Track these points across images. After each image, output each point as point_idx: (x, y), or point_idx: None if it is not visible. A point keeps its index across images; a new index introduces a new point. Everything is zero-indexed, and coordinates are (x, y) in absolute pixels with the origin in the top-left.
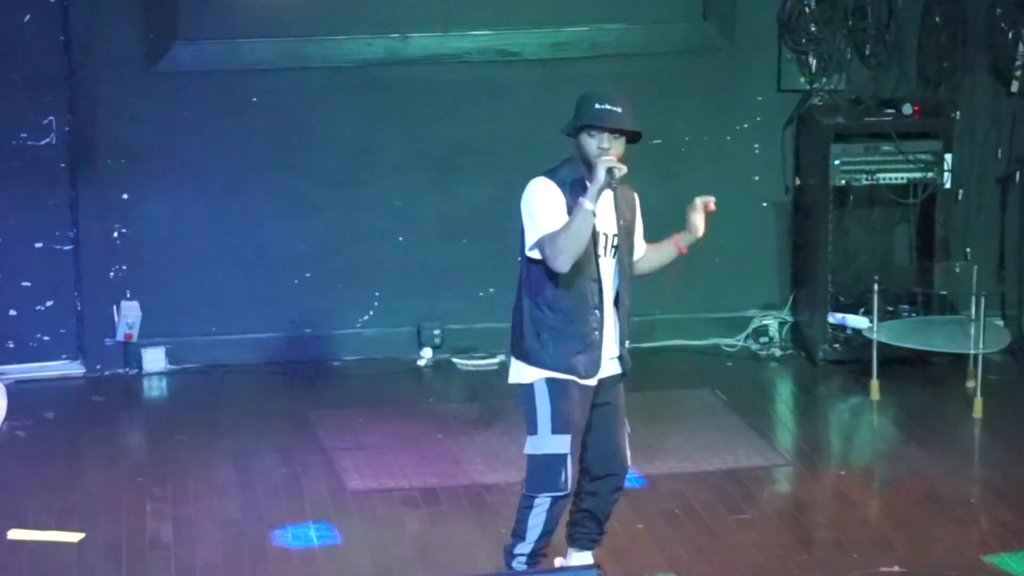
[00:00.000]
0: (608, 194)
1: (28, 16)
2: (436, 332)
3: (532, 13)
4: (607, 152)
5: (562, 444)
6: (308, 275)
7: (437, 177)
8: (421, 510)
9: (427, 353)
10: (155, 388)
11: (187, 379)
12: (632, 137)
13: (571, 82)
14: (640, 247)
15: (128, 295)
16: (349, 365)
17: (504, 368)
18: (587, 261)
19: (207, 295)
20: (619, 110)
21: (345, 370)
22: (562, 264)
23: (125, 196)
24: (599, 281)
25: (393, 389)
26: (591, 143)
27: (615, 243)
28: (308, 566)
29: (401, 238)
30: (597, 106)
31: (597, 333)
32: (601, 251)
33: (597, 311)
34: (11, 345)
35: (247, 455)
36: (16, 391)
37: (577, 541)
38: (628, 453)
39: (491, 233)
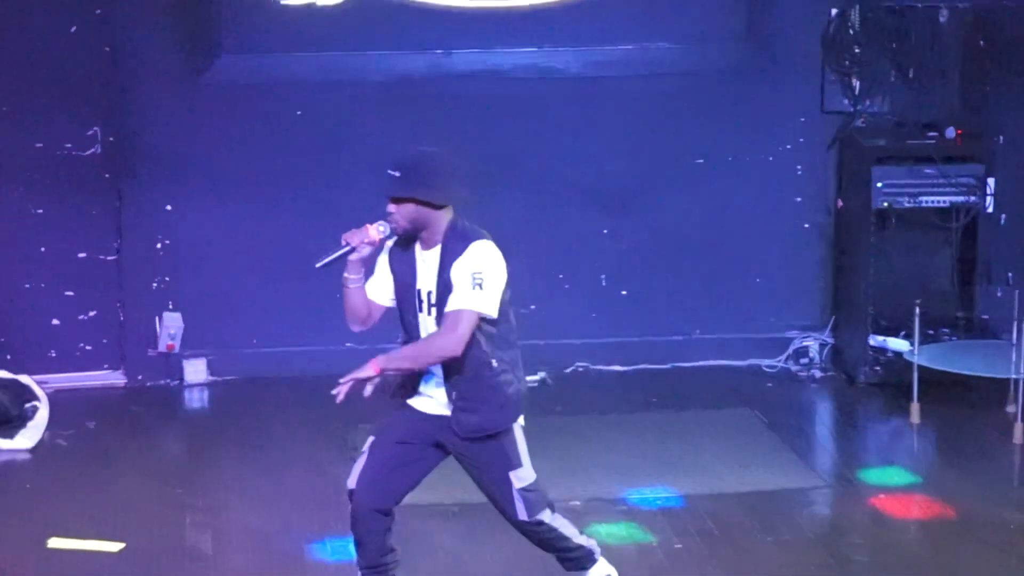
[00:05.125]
0: (434, 252)
1: (74, 27)
2: None
3: (575, 31)
4: (388, 216)
5: None
6: None
7: (475, 192)
8: (457, 525)
9: None
10: (196, 399)
11: (228, 391)
12: (407, 200)
13: (613, 101)
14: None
15: (170, 306)
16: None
17: (546, 384)
18: (405, 317)
19: (249, 307)
20: (395, 174)
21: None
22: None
23: (168, 207)
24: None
25: None
26: None
27: (433, 300)
28: None
29: None
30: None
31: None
32: (419, 308)
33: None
34: (53, 354)
35: (286, 467)
36: (58, 400)
37: None
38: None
39: (531, 249)
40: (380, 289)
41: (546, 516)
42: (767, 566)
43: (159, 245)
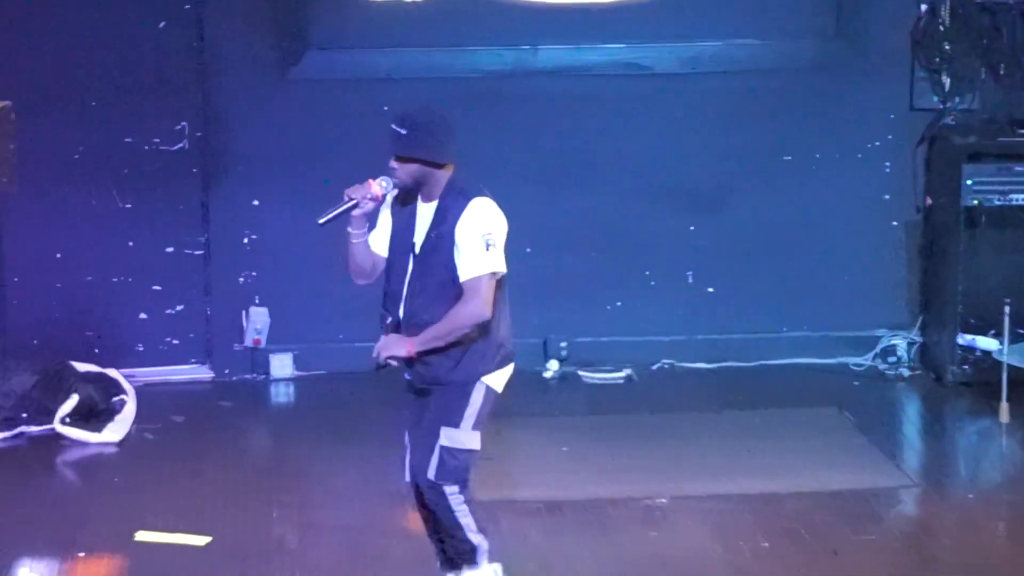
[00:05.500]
0: (431, 206)
1: (163, 23)
2: (563, 344)
3: (664, 27)
4: (391, 171)
5: None
6: None
7: (561, 189)
8: (544, 521)
9: (553, 365)
10: (282, 394)
11: (314, 385)
12: (413, 160)
13: (700, 97)
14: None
15: (257, 301)
16: None
17: (631, 381)
18: (395, 263)
19: (335, 302)
20: (401, 131)
21: None
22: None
23: (255, 202)
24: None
25: (519, 400)
26: None
27: (417, 251)
28: (429, 575)
29: (529, 249)
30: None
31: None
32: (409, 255)
33: (387, 315)
34: (141, 348)
35: (372, 462)
36: (145, 394)
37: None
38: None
39: (618, 246)
40: (383, 241)
41: (451, 489)
42: (854, 566)
43: (246, 240)
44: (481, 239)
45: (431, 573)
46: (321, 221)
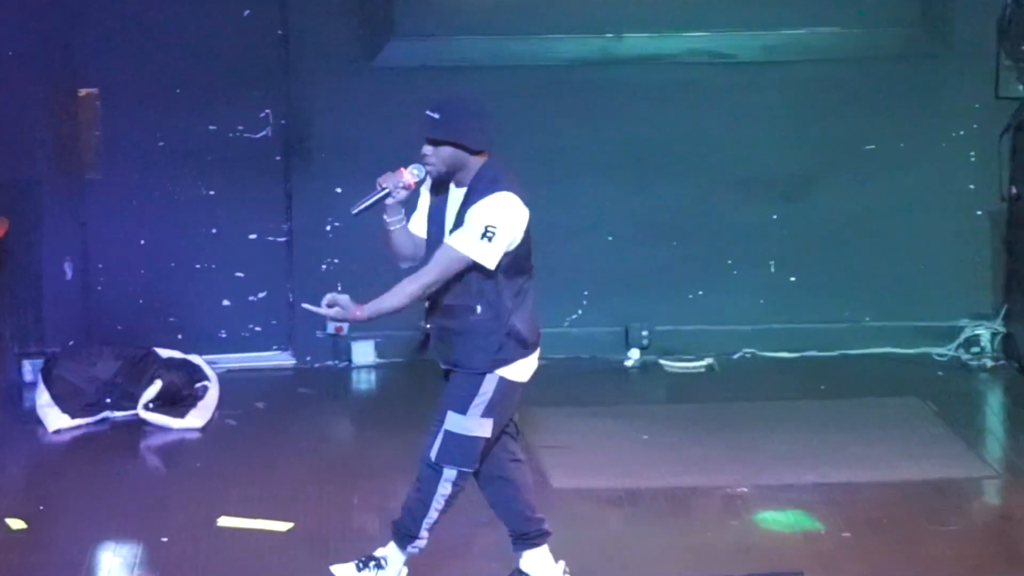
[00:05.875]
0: (462, 191)
1: (247, 11)
2: (644, 333)
3: (746, 15)
4: (423, 158)
5: None
6: None
7: (643, 177)
8: (623, 510)
9: (634, 354)
10: (363, 381)
11: (395, 373)
12: (447, 143)
13: (781, 86)
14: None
15: (339, 288)
16: (555, 364)
17: (712, 370)
18: (431, 249)
19: None
20: (435, 116)
21: (551, 369)
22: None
23: (339, 190)
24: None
25: (599, 389)
26: None
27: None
28: (509, 562)
29: (610, 238)
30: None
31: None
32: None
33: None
34: (224, 335)
35: None
36: (227, 380)
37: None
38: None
39: (699, 235)
40: (424, 223)
41: (449, 474)
42: (936, 556)
43: (328, 227)
44: (482, 226)
45: (515, 558)
46: (354, 211)
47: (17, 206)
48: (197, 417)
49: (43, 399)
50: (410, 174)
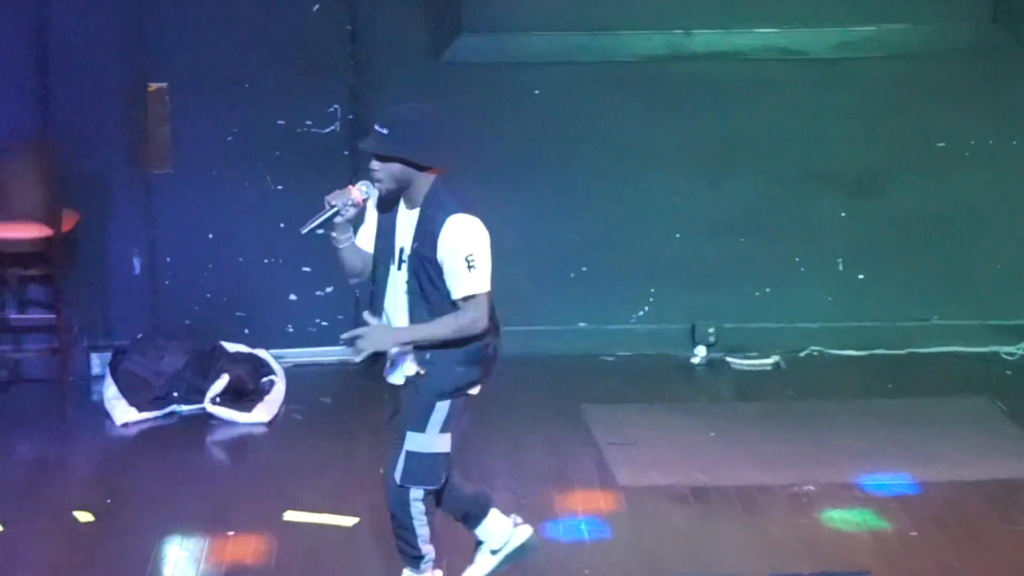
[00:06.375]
0: (414, 213)
1: (317, 6)
2: (711, 330)
3: (817, 11)
4: (372, 173)
5: None
6: (584, 269)
7: (712, 174)
8: (691, 508)
9: (701, 351)
10: None
11: None
12: (394, 159)
13: (853, 82)
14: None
15: None
16: (622, 360)
17: (779, 368)
18: (378, 268)
19: None
20: (383, 131)
21: (618, 365)
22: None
23: None
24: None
25: (666, 386)
26: None
27: (404, 258)
28: (577, 559)
29: (678, 235)
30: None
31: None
32: (392, 262)
33: (372, 315)
34: (290, 329)
35: (518, 446)
36: (294, 375)
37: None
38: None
39: (767, 232)
40: (370, 237)
41: (416, 494)
42: (1004, 556)
43: None
44: (464, 261)
45: (576, 556)
46: (303, 230)
47: (87, 200)
48: (263, 411)
49: (111, 392)
50: (358, 191)
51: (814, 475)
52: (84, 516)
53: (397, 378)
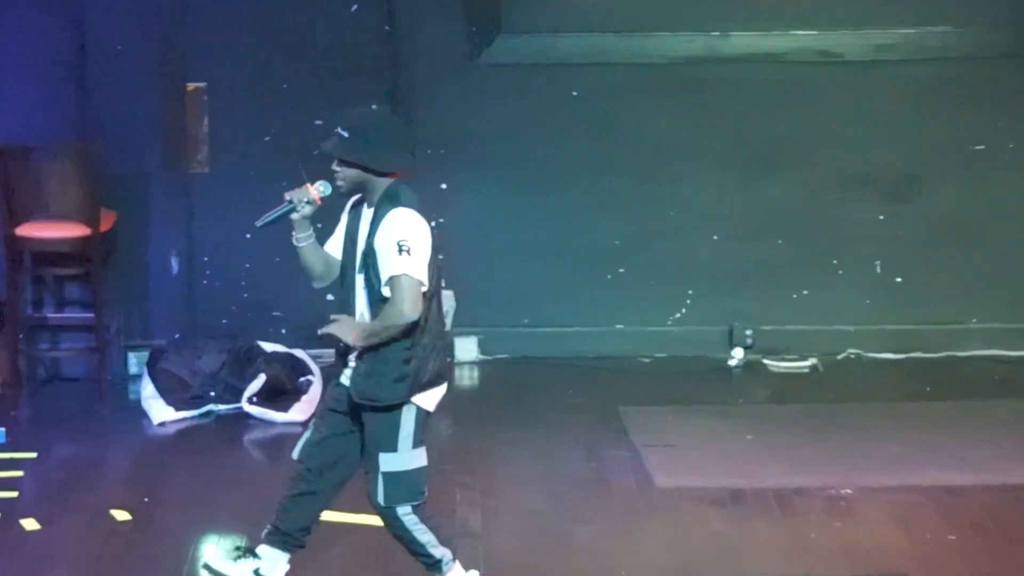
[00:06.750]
0: (370, 212)
1: (355, 7)
2: (748, 332)
3: (855, 14)
4: (333, 174)
5: None
6: (621, 271)
7: (749, 176)
8: (727, 510)
9: (738, 353)
10: (466, 377)
11: (498, 369)
12: (352, 164)
13: (891, 85)
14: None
15: (443, 284)
16: (659, 362)
17: (817, 370)
18: (346, 271)
19: (519, 287)
20: (344, 134)
21: (654, 367)
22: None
23: (444, 186)
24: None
25: (703, 388)
26: None
27: (359, 260)
28: (613, 561)
29: (715, 237)
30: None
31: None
32: (356, 264)
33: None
34: None
35: (554, 447)
36: (330, 375)
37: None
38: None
39: (804, 234)
40: (338, 244)
41: (403, 510)
42: None
43: (433, 223)
44: (395, 244)
45: (611, 557)
46: (259, 224)
47: (125, 200)
48: (300, 411)
49: (148, 391)
50: (316, 189)
51: (851, 478)
52: (121, 515)
53: (344, 377)
